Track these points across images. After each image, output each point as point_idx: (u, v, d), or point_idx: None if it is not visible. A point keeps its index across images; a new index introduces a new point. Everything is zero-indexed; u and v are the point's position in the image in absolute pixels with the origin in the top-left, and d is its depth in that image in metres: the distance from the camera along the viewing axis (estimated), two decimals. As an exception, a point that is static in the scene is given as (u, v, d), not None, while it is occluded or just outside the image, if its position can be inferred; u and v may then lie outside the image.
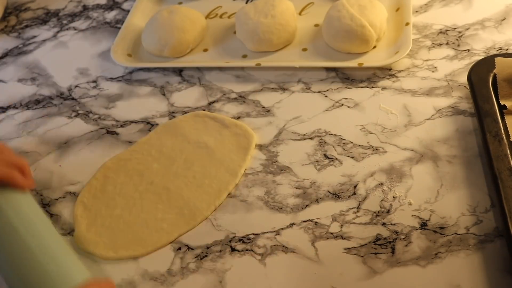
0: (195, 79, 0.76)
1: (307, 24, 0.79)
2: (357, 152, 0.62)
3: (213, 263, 0.55)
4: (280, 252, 0.55)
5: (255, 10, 0.76)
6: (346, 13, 0.71)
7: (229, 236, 0.57)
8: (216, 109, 0.71)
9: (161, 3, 0.89)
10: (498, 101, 0.60)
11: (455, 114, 0.64)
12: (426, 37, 0.74)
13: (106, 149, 0.68)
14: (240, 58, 0.76)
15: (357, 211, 0.57)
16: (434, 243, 0.53)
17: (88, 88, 0.78)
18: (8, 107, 0.77)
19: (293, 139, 0.65)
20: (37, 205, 0.55)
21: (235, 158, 0.64)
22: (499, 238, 0.52)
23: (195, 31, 0.78)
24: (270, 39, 0.74)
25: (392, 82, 0.69)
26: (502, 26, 0.73)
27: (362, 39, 0.71)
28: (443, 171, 0.59)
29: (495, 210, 0.54)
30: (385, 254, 0.53)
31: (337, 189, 0.59)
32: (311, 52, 0.75)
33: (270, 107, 0.70)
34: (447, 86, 0.67)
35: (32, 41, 0.87)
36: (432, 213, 0.55)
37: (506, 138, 0.56)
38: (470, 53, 0.71)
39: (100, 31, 0.87)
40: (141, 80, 0.77)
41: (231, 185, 0.61)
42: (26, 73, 0.82)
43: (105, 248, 0.58)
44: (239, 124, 0.67)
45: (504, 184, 0.52)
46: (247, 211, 0.59)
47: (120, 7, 0.91)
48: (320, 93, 0.70)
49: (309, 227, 0.56)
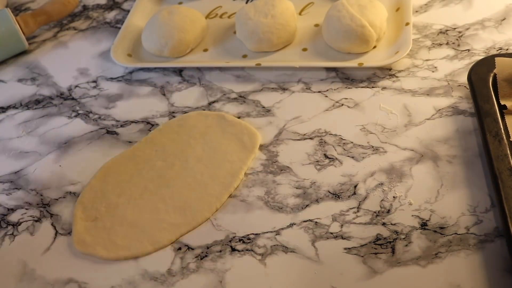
0: (195, 79, 0.76)
1: (307, 24, 0.79)
2: (357, 152, 0.62)
3: (213, 263, 0.55)
4: (280, 252, 0.55)
5: (255, 10, 0.76)
6: (346, 13, 0.71)
7: (229, 236, 0.57)
8: (216, 109, 0.71)
9: (161, 3, 0.89)
10: (498, 101, 0.60)
11: (455, 114, 0.64)
12: (426, 37, 0.74)
13: (106, 149, 0.68)
14: (240, 58, 0.76)
15: (357, 211, 0.57)
16: (434, 243, 0.53)
17: (88, 88, 0.78)
18: (8, 107, 0.77)
19: (293, 139, 0.65)
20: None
21: (238, 159, 0.63)
22: (499, 238, 0.52)
23: (195, 31, 0.78)
24: (270, 39, 0.74)
25: (392, 82, 0.69)
26: (502, 26, 0.73)
27: (362, 39, 0.71)
28: (443, 171, 0.59)
29: (495, 210, 0.54)
30: (385, 254, 0.53)
31: (337, 189, 0.59)
32: (311, 52, 0.75)
33: (270, 107, 0.70)
34: (447, 86, 0.68)
35: (32, 41, 0.87)
36: (432, 213, 0.55)
37: (506, 138, 0.56)
38: (470, 53, 0.71)
39: (100, 31, 0.87)
40: (141, 80, 0.77)
41: (232, 186, 0.61)
42: (26, 73, 0.82)
43: (105, 249, 0.58)
44: (243, 124, 0.67)
45: (504, 184, 0.52)
46: (247, 211, 0.59)
47: (120, 7, 0.91)
48: (320, 93, 0.70)
49: (309, 227, 0.56)
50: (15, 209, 0.64)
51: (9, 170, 0.68)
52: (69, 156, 0.69)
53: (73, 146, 0.70)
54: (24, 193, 0.65)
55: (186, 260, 0.56)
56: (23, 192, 0.66)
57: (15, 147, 0.71)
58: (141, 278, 0.55)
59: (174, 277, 0.55)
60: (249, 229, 0.57)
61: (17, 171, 0.68)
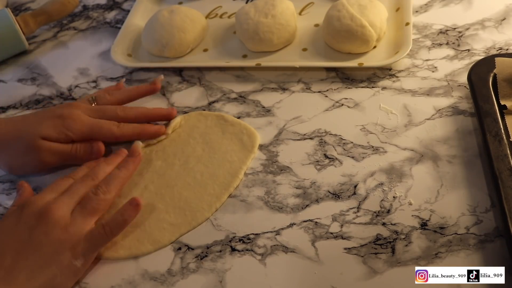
0: (195, 79, 0.76)
1: (307, 24, 0.79)
2: (357, 152, 0.62)
3: (213, 263, 0.55)
4: (280, 252, 0.55)
5: (255, 10, 0.76)
6: (346, 13, 0.71)
7: (229, 236, 0.57)
8: (216, 109, 0.71)
9: (161, 3, 0.89)
10: (498, 101, 0.60)
11: (455, 114, 0.64)
12: (426, 37, 0.74)
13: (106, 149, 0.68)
14: (240, 58, 0.76)
15: (357, 211, 0.57)
16: (434, 243, 0.53)
17: (88, 88, 0.78)
18: (8, 107, 0.77)
19: (293, 139, 0.65)
20: None
21: (238, 159, 0.63)
22: (499, 238, 0.52)
23: (195, 31, 0.78)
24: (270, 39, 0.74)
25: (392, 82, 0.69)
26: (502, 26, 0.73)
27: (362, 39, 0.71)
28: (443, 171, 0.59)
29: (495, 210, 0.54)
30: (385, 254, 0.53)
31: (337, 189, 0.59)
32: (311, 52, 0.75)
33: (270, 107, 0.70)
34: (447, 86, 0.68)
35: (32, 41, 0.87)
36: (432, 213, 0.55)
37: (506, 138, 0.56)
38: (470, 53, 0.71)
39: (100, 31, 0.87)
40: (141, 80, 0.77)
41: (232, 186, 0.61)
42: (26, 73, 0.82)
43: (105, 248, 0.57)
44: (243, 124, 0.67)
45: (504, 184, 0.52)
46: (247, 211, 0.59)
47: (120, 7, 0.91)
48: (320, 93, 0.70)
49: (309, 227, 0.56)
50: (15, 209, 0.64)
51: (9, 170, 0.68)
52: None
53: (73, 146, 0.70)
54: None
55: (186, 260, 0.56)
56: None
57: (15, 147, 0.71)
58: (141, 278, 0.55)
59: (174, 277, 0.55)
60: (249, 229, 0.57)
61: (17, 171, 0.68)
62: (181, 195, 0.61)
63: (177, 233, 0.58)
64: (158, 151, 0.66)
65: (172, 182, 0.63)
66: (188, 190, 0.62)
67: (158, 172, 0.64)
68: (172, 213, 0.60)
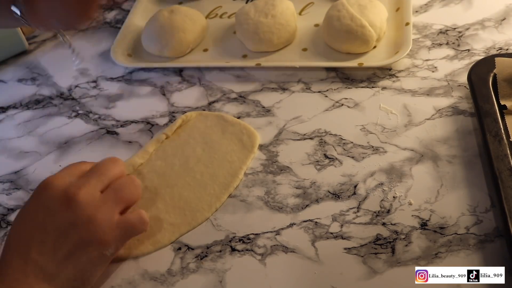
0: (195, 79, 0.76)
1: (307, 24, 0.79)
2: (357, 152, 0.62)
3: (213, 263, 0.55)
4: (280, 252, 0.55)
5: (255, 10, 0.76)
6: (346, 13, 0.71)
7: (229, 236, 0.57)
8: (216, 109, 0.71)
9: (161, 3, 0.89)
10: (498, 101, 0.60)
11: (455, 114, 0.64)
12: (426, 37, 0.74)
13: (106, 149, 0.68)
14: (240, 58, 0.76)
15: (357, 211, 0.57)
16: (434, 243, 0.53)
17: (88, 88, 0.78)
18: (8, 107, 0.77)
19: (293, 139, 0.65)
20: None
21: (238, 159, 0.63)
22: (499, 238, 0.52)
23: (195, 31, 0.78)
24: (270, 39, 0.74)
25: (392, 82, 0.69)
26: (502, 26, 0.73)
27: (362, 39, 0.71)
28: (443, 171, 0.59)
29: (495, 210, 0.54)
30: (385, 254, 0.53)
31: (337, 189, 0.59)
32: (311, 52, 0.75)
33: (270, 107, 0.70)
34: (447, 86, 0.68)
35: (32, 41, 0.87)
36: (432, 213, 0.55)
37: (506, 138, 0.56)
38: (470, 53, 0.71)
39: (100, 31, 0.87)
40: (141, 80, 0.77)
41: (232, 186, 0.61)
42: (26, 73, 0.82)
43: (105, 248, 0.58)
44: (243, 124, 0.67)
45: (504, 184, 0.52)
46: (247, 211, 0.59)
47: (120, 7, 0.91)
48: (320, 93, 0.70)
49: (309, 227, 0.56)
50: (15, 209, 0.64)
51: (9, 170, 0.68)
52: (69, 156, 0.69)
53: (73, 146, 0.70)
54: (24, 193, 0.65)
55: (186, 260, 0.56)
56: (23, 192, 0.66)
57: (15, 147, 0.71)
58: (141, 278, 0.55)
59: (174, 277, 0.55)
60: (249, 229, 0.57)
61: (17, 171, 0.68)
62: (181, 195, 0.61)
63: (177, 233, 0.58)
64: (158, 151, 0.66)
65: (172, 182, 0.63)
66: (188, 190, 0.62)
67: (158, 172, 0.64)
68: (172, 213, 0.60)
